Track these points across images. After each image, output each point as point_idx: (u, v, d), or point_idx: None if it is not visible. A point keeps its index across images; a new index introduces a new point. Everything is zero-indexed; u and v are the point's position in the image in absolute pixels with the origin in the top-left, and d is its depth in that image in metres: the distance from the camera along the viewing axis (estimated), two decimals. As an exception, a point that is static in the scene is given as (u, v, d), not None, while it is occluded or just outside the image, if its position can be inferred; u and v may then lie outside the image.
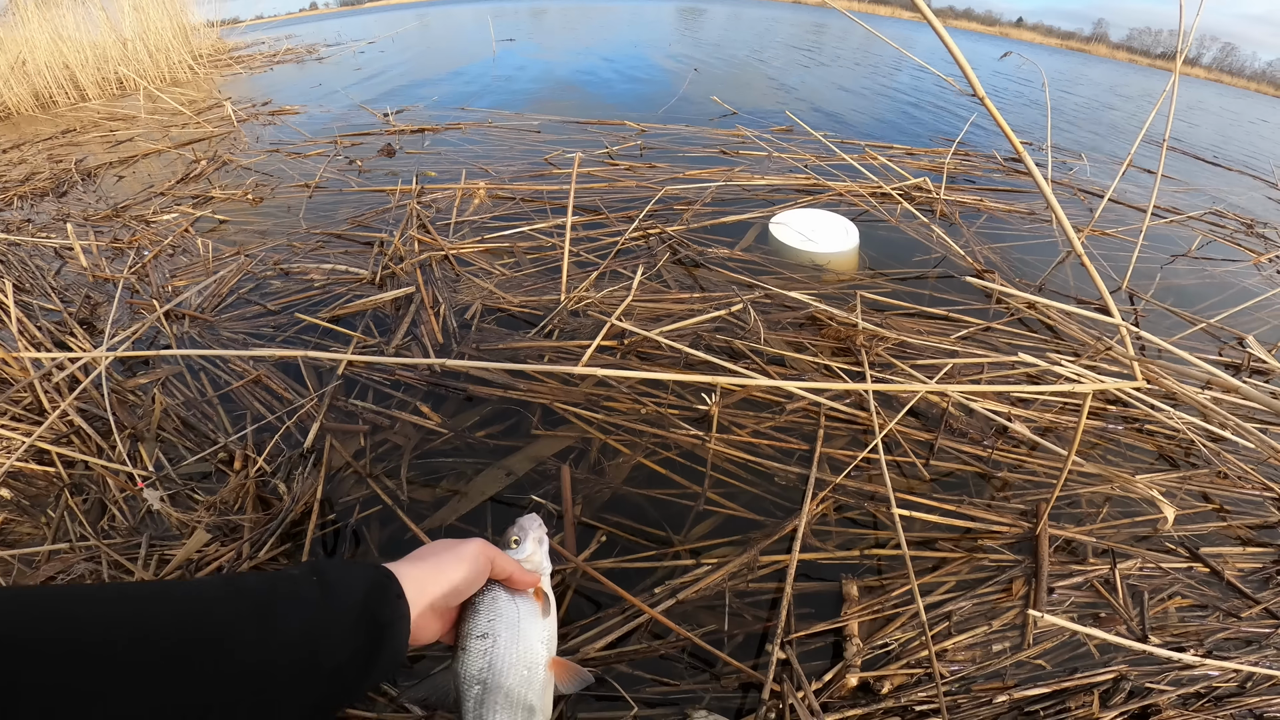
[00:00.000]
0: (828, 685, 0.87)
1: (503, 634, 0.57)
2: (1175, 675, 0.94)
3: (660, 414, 1.32)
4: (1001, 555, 1.11)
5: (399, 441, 1.24)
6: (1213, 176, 4.43)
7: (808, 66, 6.75)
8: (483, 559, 0.56)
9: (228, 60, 5.91)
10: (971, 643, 0.97)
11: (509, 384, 1.35)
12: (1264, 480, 1.35)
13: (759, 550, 1.05)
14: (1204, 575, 1.13)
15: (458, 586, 0.53)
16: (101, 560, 1.08)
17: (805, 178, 2.74)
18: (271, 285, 1.75)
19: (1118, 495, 1.27)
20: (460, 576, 0.54)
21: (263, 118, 3.76)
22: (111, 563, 1.08)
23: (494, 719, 0.54)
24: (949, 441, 1.37)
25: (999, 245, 2.36)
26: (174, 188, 2.70)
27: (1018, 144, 1.14)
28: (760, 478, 1.21)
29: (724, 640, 0.92)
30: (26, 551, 1.10)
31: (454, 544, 0.56)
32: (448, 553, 0.54)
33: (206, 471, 1.24)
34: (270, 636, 0.38)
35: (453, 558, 0.54)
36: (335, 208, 2.26)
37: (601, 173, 2.60)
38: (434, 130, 3.17)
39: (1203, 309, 2.09)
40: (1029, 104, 6.21)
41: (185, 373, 1.46)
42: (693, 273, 1.85)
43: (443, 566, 0.53)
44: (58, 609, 0.32)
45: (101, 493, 1.22)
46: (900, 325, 1.70)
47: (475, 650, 0.56)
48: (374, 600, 0.45)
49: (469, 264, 1.82)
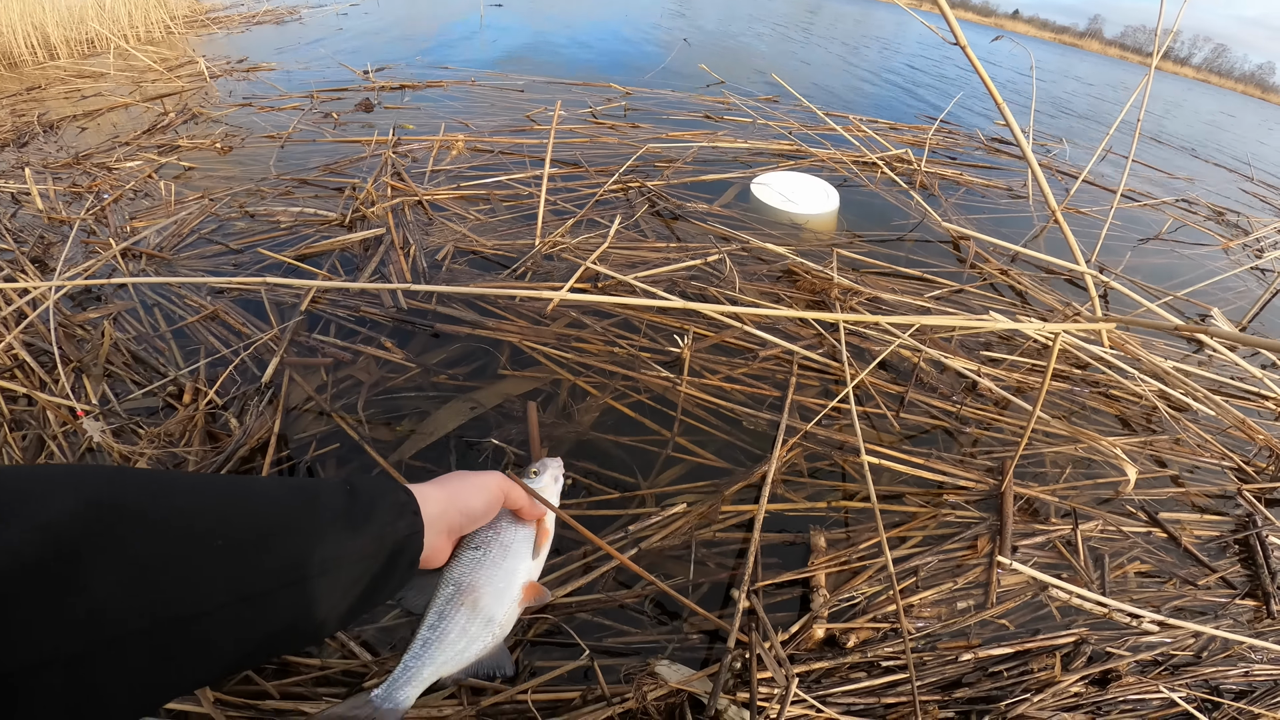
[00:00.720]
0: (794, 636, 0.86)
1: (494, 550, 0.61)
2: (1134, 641, 0.96)
3: (632, 356, 1.30)
4: (967, 512, 1.12)
5: (362, 378, 1.21)
6: (1191, 167, 4.50)
7: (798, 41, 6.71)
8: (498, 491, 0.59)
9: (205, 21, 5.71)
10: (937, 599, 0.97)
11: (477, 321, 1.32)
12: (1223, 449, 1.38)
13: (729, 495, 1.04)
14: (1162, 541, 1.15)
15: (474, 514, 0.56)
16: None
17: (789, 144, 2.72)
18: (235, 226, 1.69)
19: (1081, 457, 1.29)
20: (477, 505, 0.56)
21: (237, 74, 3.63)
22: None
23: (455, 617, 0.57)
24: (919, 395, 1.38)
25: (976, 217, 2.38)
26: (139, 138, 2.60)
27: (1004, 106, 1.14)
28: (730, 424, 1.20)
29: (689, 589, 0.90)
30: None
31: (474, 475, 0.59)
32: (468, 482, 0.57)
33: (154, 406, 1.20)
34: (316, 535, 0.41)
35: (472, 487, 0.57)
36: (307, 157, 2.19)
37: (584, 129, 2.56)
38: (415, 87, 3.09)
39: (1170, 286, 2.13)
40: (1016, 91, 6.25)
41: (139, 308, 1.41)
42: (671, 225, 1.83)
43: (462, 493, 0.56)
44: (161, 487, 0.36)
45: (41, 428, 1.17)
46: (875, 283, 1.70)
47: (464, 558, 0.59)
48: (392, 515, 0.47)
49: (443, 210, 1.78)
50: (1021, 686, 0.86)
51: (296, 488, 0.44)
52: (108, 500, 0.32)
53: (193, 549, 0.34)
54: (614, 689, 0.74)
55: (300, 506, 0.41)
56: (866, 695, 0.82)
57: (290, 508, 0.40)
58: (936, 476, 1.16)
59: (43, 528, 0.29)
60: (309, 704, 0.70)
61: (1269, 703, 0.91)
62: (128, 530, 0.31)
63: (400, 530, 0.47)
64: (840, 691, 0.81)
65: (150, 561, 0.32)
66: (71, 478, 0.32)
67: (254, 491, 0.41)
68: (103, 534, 0.30)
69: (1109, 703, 0.87)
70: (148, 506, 0.33)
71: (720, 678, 0.75)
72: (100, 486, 0.32)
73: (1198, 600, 1.05)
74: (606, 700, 0.72)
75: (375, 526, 0.45)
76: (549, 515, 0.66)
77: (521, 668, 0.77)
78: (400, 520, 0.47)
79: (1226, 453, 1.37)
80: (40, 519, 0.29)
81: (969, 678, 0.87)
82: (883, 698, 0.82)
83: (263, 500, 0.40)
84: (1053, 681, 0.87)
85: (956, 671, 0.87)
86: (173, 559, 0.33)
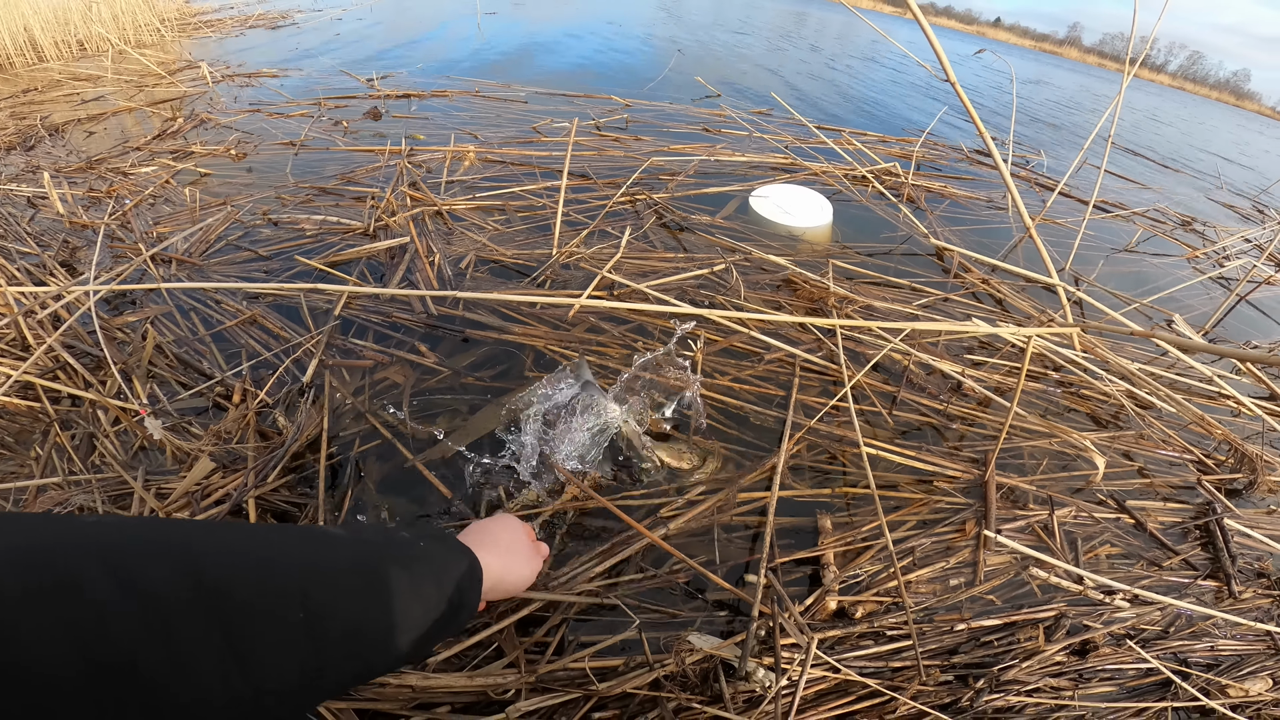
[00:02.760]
0: (809, 608, 0.96)
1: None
2: (1108, 616, 1.05)
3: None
4: (956, 499, 1.22)
5: (398, 379, 1.30)
6: (1162, 178, 4.71)
7: (786, 51, 6.87)
8: (540, 562, 0.65)
9: (196, 24, 5.69)
10: (932, 576, 1.07)
11: (503, 327, 1.41)
12: (1184, 444, 1.50)
13: (745, 483, 1.14)
14: (1130, 526, 1.25)
15: (516, 587, 0.61)
16: (95, 494, 1.09)
17: (784, 157, 2.85)
18: (261, 234, 1.76)
19: (1056, 450, 1.40)
20: (522, 579, 0.62)
21: (239, 79, 3.67)
22: (107, 497, 1.08)
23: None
24: (910, 395, 1.49)
25: (959, 228, 2.52)
26: (150, 143, 2.64)
27: (981, 127, 1.26)
28: (739, 421, 1.31)
29: (715, 568, 1.00)
30: (15, 486, 1.09)
31: (528, 545, 0.63)
32: (521, 554, 0.61)
33: (203, 407, 1.27)
34: (388, 596, 0.41)
35: (523, 560, 0.62)
36: (322, 165, 2.26)
37: (589, 142, 2.66)
38: (419, 96, 3.16)
39: (1139, 293, 2.28)
40: (996, 102, 6.46)
41: (175, 312, 1.48)
42: (677, 235, 1.94)
43: (515, 568, 0.61)
44: (247, 549, 0.35)
45: (91, 427, 1.24)
46: (868, 292, 1.82)
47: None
48: (464, 586, 0.50)
49: (461, 219, 1.87)
50: (1010, 654, 0.96)
51: (371, 548, 0.43)
52: (192, 569, 0.30)
53: (273, 627, 0.33)
54: (655, 657, 0.83)
55: (376, 568, 0.41)
56: (876, 660, 0.91)
57: (368, 572, 0.40)
58: (927, 467, 1.27)
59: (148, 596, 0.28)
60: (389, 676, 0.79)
61: (1235, 674, 1.00)
62: (216, 609, 0.30)
63: (466, 600, 0.50)
64: (853, 656, 0.91)
65: (236, 642, 0.31)
66: (157, 536, 0.32)
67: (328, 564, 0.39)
68: (197, 611, 0.29)
69: (1089, 670, 0.97)
70: (233, 584, 0.32)
71: (749, 644, 0.85)
72: (186, 556, 0.31)
73: (1163, 580, 1.15)
74: (649, 665, 0.82)
75: (445, 591, 0.46)
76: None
77: (568, 641, 0.87)
78: (469, 593, 0.50)
79: (1188, 446, 1.49)
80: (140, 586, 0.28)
81: (964, 646, 0.96)
82: (890, 662, 0.91)
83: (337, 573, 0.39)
84: (1038, 650, 0.96)
85: (953, 640, 0.96)
86: (258, 638, 0.32)
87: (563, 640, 0.87)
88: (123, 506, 1.08)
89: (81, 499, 1.09)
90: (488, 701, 0.79)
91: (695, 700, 0.81)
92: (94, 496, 1.09)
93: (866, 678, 0.87)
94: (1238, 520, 1.31)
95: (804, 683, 0.82)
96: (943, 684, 0.90)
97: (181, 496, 1.07)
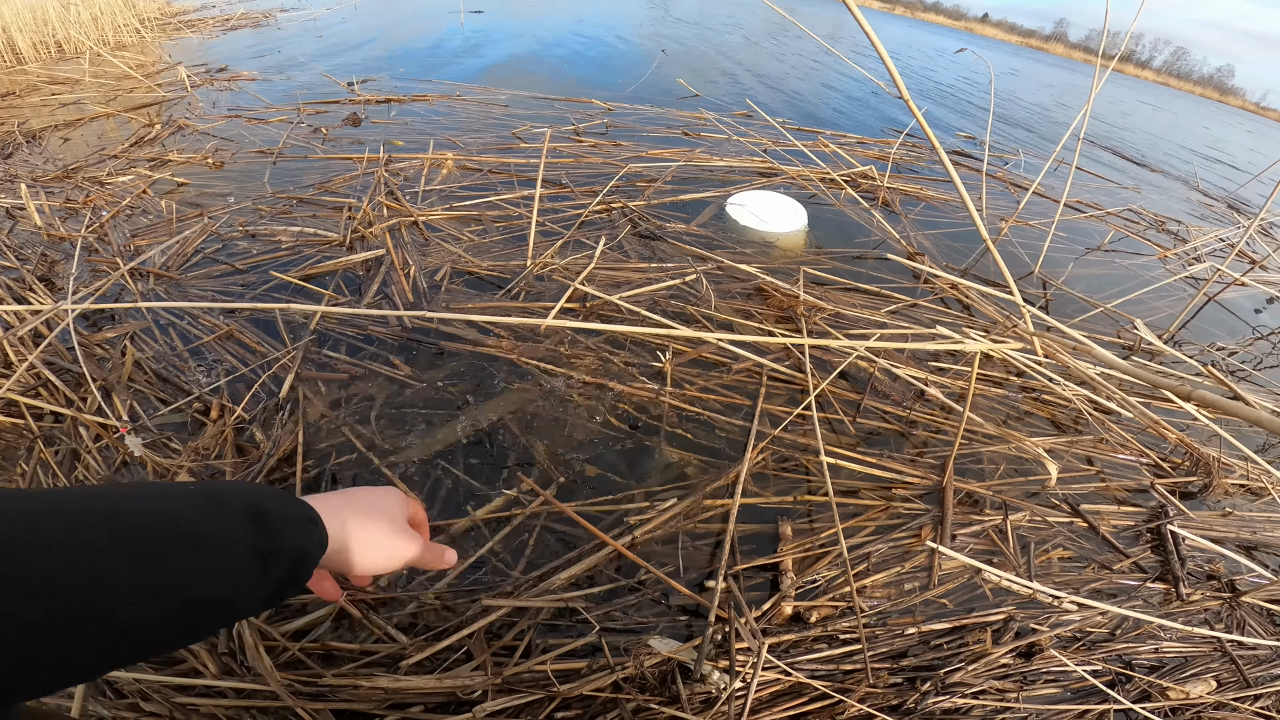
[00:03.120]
0: (765, 613, 0.99)
1: None
2: (1055, 619, 1.07)
3: (619, 370, 1.44)
4: (914, 504, 1.26)
5: (373, 393, 1.33)
6: (1140, 175, 4.79)
7: (766, 48, 6.90)
8: (415, 550, 0.53)
9: (177, 25, 5.63)
10: (888, 581, 1.10)
11: (477, 340, 1.45)
12: (1141, 447, 1.53)
13: (709, 491, 1.18)
14: (1083, 529, 1.28)
15: (368, 568, 0.49)
16: None
17: (761, 161, 2.88)
18: (238, 246, 1.78)
19: (1014, 455, 1.43)
20: (376, 563, 0.49)
21: (218, 83, 3.65)
22: None
23: None
24: (874, 402, 1.54)
25: (933, 232, 2.57)
26: (127, 150, 2.64)
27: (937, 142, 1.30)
28: (707, 429, 1.35)
29: (681, 574, 1.03)
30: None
31: (399, 526, 0.52)
32: (383, 533, 0.50)
33: (182, 422, 1.30)
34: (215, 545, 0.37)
35: (386, 539, 0.50)
36: (300, 174, 2.27)
37: (568, 148, 2.68)
38: (400, 101, 3.16)
39: (1107, 295, 2.33)
40: (974, 103, 6.53)
41: (153, 328, 1.50)
42: (651, 245, 1.97)
43: (374, 546, 0.49)
44: (49, 508, 0.32)
45: (74, 443, 1.26)
46: (838, 299, 1.87)
47: None
48: (294, 563, 0.42)
49: (437, 230, 1.89)
50: (958, 657, 0.99)
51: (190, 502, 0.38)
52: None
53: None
54: (616, 660, 0.88)
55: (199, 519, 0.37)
56: (827, 663, 0.94)
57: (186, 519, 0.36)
58: (887, 474, 1.31)
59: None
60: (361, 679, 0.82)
61: (1178, 676, 1.03)
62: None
63: (298, 576, 0.42)
64: (806, 660, 0.94)
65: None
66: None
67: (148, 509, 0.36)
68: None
69: (1034, 673, 1.00)
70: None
71: (704, 648, 0.89)
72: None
73: (1113, 583, 1.18)
74: (610, 668, 0.86)
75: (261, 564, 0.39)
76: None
77: (535, 645, 0.91)
78: (300, 572, 0.42)
79: (1144, 450, 1.52)
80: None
81: (914, 649, 0.99)
82: (841, 665, 0.94)
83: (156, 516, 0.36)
84: (985, 653, 1.00)
85: (904, 644, 1.00)
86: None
87: (530, 644, 0.91)
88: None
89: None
90: (457, 702, 0.83)
91: (654, 701, 0.85)
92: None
93: (817, 680, 0.91)
94: (1190, 524, 1.33)
95: (755, 685, 0.86)
96: (891, 686, 0.94)
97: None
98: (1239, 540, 1.35)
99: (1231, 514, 1.41)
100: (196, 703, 0.80)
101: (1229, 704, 1.01)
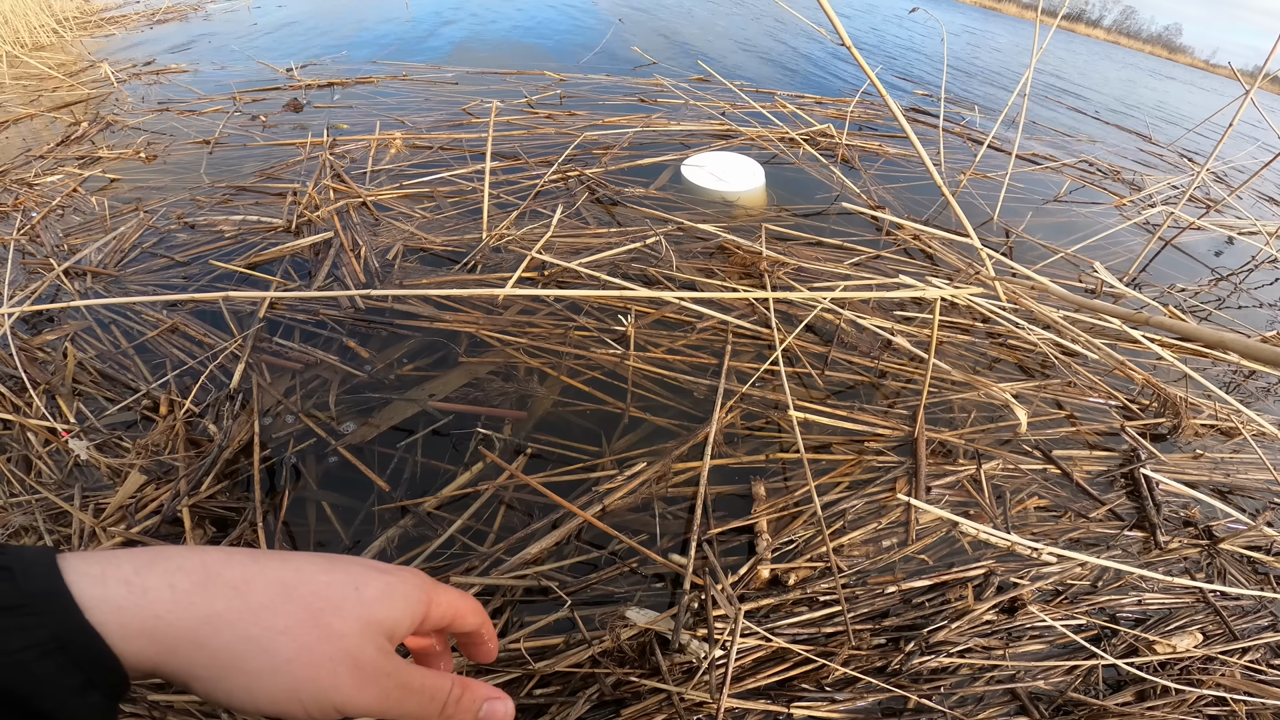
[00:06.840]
0: (743, 578, 0.97)
1: None
2: (1036, 572, 1.06)
3: (582, 337, 1.42)
4: (887, 457, 1.24)
5: (328, 376, 1.29)
6: (1094, 129, 4.87)
7: (727, 13, 6.79)
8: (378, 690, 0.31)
9: (98, 22, 5.31)
10: (865, 538, 1.08)
11: (435, 315, 1.41)
12: (1109, 389, 1.54)
13: (679, 454, 1.17)
14: (1057, 477, 1.27)
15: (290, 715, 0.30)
16: (36, 514, 1.07)
17: (719, 124, 2.85)
18: (177, 239, 1.70)
19: (984, 401, 1.43)
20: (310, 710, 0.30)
21: (146, 77, 3.46)
22: (47, 516, 1.07)
23: None
24: (841, 354, 1.54)
25: (894, 186, 2.58)
26: (54, 150, 2.49)
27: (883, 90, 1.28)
28: (676, 391, 1.34)
29: (656, 541, 1.01)
30: (-49, 513, 1.07)
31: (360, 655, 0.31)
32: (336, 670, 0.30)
33: (131, 420, 1.25)
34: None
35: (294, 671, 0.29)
36: (240, 162, 2.17)
37: (521, 120, 2.61)
38: (344, 84, 3.04)
39: (1067, 242, 2.37)
40: (929, 58, 6.54)
41: (95, 326, 1.43)
42: (610, 210, 1.94)
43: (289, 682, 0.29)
44: None
45: (24, 449, 1.20)
46: (801, 253, 1.86)
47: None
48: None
49: (388, 209, 1.83)
50: (941, 615, 0.97)
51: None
52: None
53: None
54: (592, 634, 0.86)
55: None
56: (809, 626, 0.93)
57: None
58: (859, 427, 1.30)
59: None
60: None
61: (1163, 630, 1.02)
62: None
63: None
64: (786, 624, 0.92)
65: None
66: None
67: None
68: None
69: (1018, 628, 0.99)
70: None
71: (680, 617, 0.87)
72: None
73: (1091, 532, 1.16)
74: (587, 643, 0.85)
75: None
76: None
77: (511, 622, 0.89)
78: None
79: (1112, 392, 1.53)
80: None
81: (896, 609, 0.98)
82: (822, 628, 0.93)
83: None
84: (967, 610, 0.98)
85: (885, 603, 0.98)
86: None
87: (507, 622, 0.89)
88: (62, 525, 1.06)
89: (21, 520, 1.07)
90: (433, 683, 0.81)
91: (634, 674, 0.83)
92: (35, 517, 1.07)
93: (799, 644, 0.90)
94: (1163, 467, 1.33)
95: (735, 652, 0.85)
96: (875, 648, 0.92)
97: (116, 511, 1.07)
98: (1212, 483, 1.35)
99: (1203, 455, 1.42)
100: (171, 700, 0.79)
101: (1218, 658, 1.00)
